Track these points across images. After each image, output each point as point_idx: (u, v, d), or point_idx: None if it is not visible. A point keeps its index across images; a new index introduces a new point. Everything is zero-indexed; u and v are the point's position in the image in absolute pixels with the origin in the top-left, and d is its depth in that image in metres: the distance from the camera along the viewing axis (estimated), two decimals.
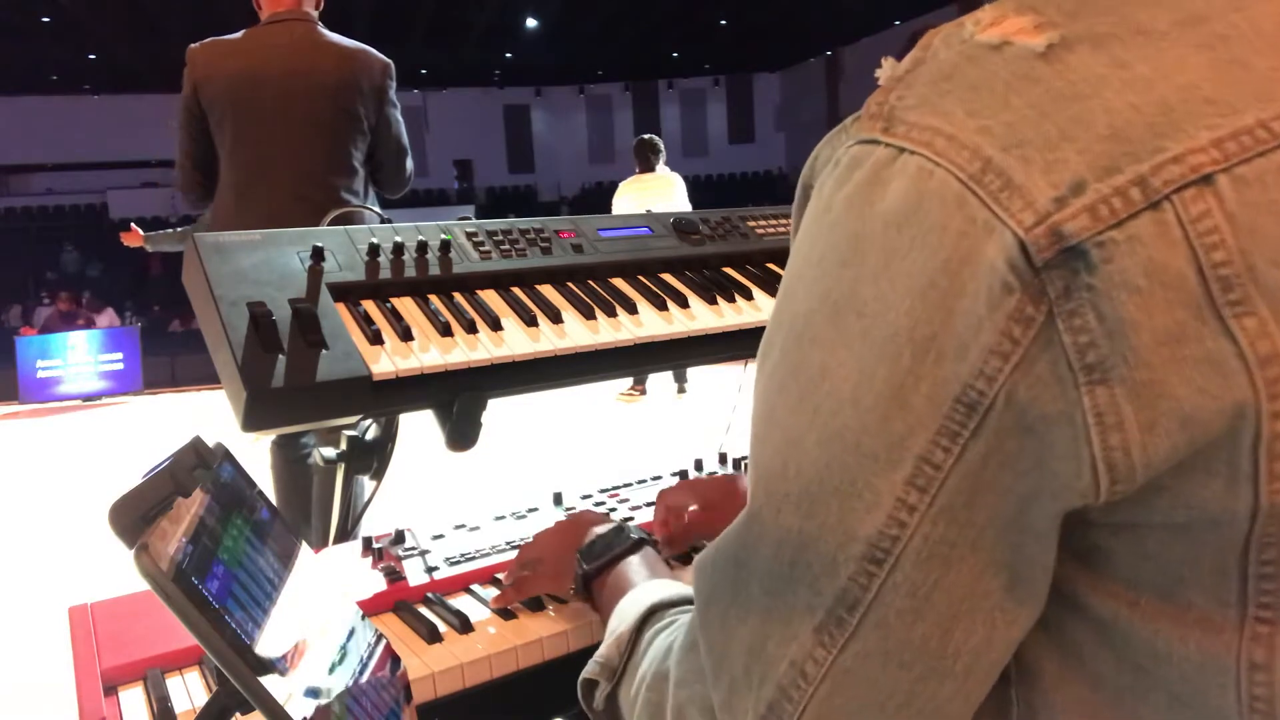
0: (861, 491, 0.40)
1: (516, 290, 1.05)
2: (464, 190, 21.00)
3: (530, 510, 1.18)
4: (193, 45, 2.44)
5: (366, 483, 1.34)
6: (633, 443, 5.27)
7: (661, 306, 1.08)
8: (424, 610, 0.92)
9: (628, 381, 6.67)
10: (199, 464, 0.63)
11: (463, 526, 1.13)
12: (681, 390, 6.65)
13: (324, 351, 0.85)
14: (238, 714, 0.58)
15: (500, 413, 1.19)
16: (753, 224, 1.28)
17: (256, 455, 2.65)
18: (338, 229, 1.01)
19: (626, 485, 1.27)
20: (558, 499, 1.20)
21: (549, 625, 0.88)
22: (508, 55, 18.51)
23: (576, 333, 1.00)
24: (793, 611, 0.43)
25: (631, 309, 1.06)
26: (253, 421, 0.82)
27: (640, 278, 1.13)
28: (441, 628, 0.87)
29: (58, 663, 1.14)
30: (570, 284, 1.09)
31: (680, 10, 15.43)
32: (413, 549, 1.05)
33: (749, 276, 1.19)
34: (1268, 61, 0.38)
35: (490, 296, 1.03)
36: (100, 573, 3.15)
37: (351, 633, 0.69)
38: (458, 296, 1.01)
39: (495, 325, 0.97)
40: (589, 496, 1.22)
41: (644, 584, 0.72)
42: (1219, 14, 0.39)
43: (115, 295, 14.55)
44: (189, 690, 0.80)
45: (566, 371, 1.00)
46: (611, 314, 1.05)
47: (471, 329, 0.96)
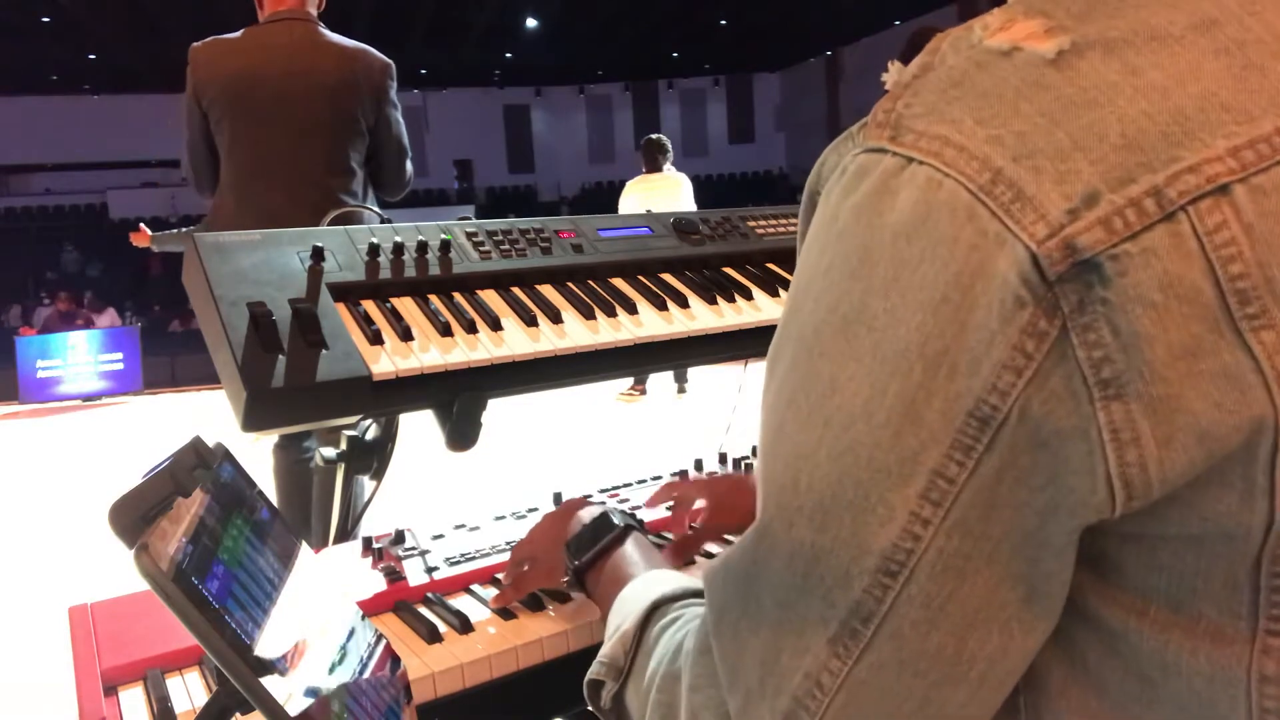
0: (875, 506, 0.40)
1: (516, 290, 1.05)
2: (464, 190, 21.00)
3: (530, 510, 1.18)
4: (195, 44, 2.44)
5: (366, 483, 1.34)
6: (633, 443, 5.27)
7: (661, 306, 1.08)
8: (424, 610, 0.92)
9: (628, 381, 6.67)
10: (199, 464, 0.63)
11: (463, 526, 1.13)
12: (681, 390, 6.64)
13: (324, 351, 0.85)
14: (238, 714, 0.58)
15: (500, 413, 1.19)
16: (753, 224, 1.28)
17: (256, 455, 2.65)
18: (338, 229, 1.01)
19: (626, 485, 1.27)
20: (558, 499, 1.20)
21: (549, 625, 0.88)
22: (508, 55, 18.51)
23: (576, 333, 1.00)
24: (806, 623, 0.43)
25: (631, 309, 1.06)
26: (253, 421, 0.82)
27: (640, 278, 1.13)
28: (441, 628, 0.87)
29: (58, 663, 1.14)
30: (570, 284, 1.09)
31: (680, 10, 15.43)
32: (413, 549, 1.05)
33: (749, 276, 1.19)
34: None
35: (490, 296, 1.03)
36: (100, 573, 3.15)
37: (351, 633, 0.69)
38: (458, 296, 1.01)
39: (495, 325, 0.97)
40: (589, 496, 1.22)
41: (642, 576, 0.71)
42: (1233, 17, 0.39)
43: (115, 295, 14.55)
44: (189, 690, 0.80)
45: (566, 371, 1.00)
46: (611, 314, 1.05)
47: (471, 329, 0.96)
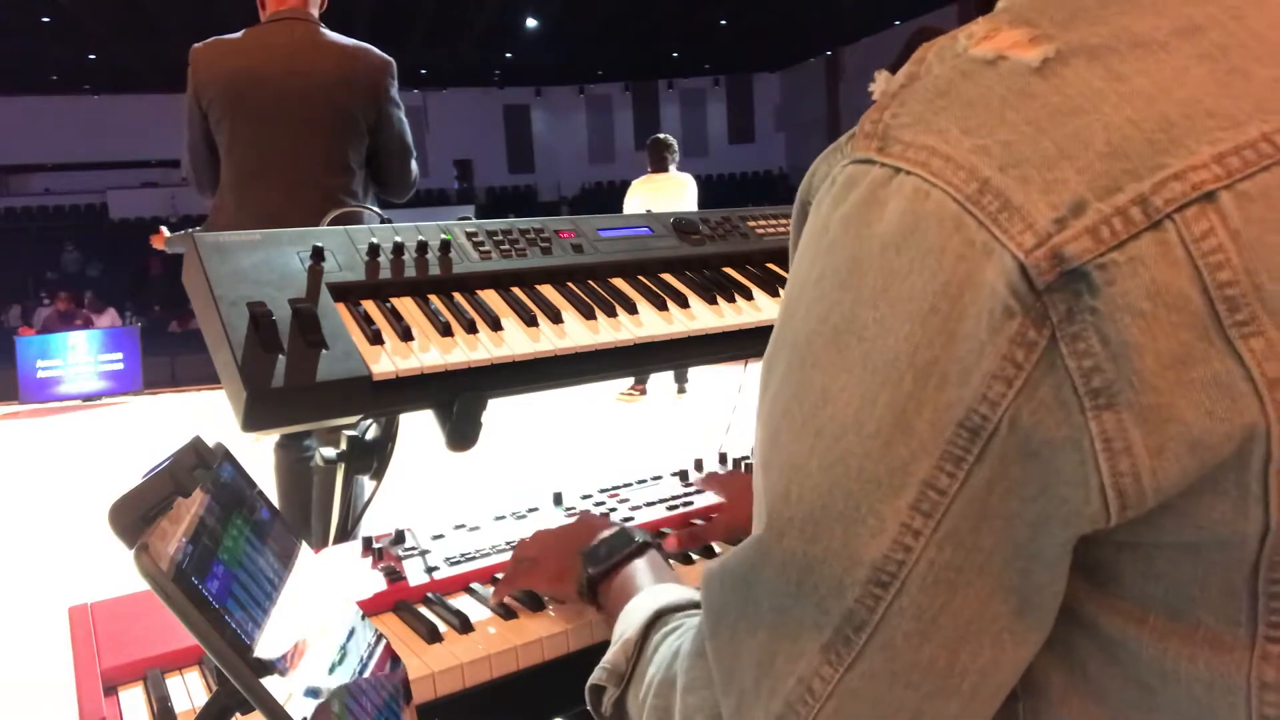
0: (865, 517, 0.40)
1: (516, 290, 1.05)
2: (464, 190, 21.00)
3: (530, 510, 1.18)
4: (196, 45, 2.44)
5: (366, 483, 1.34)
6: (633, 443, 5.27)
7: (661, 306, 1.08)
8: (424, 610, 0.92)
9: (628, 381, 6.67)
10: (199, 464, 0.63)
11: (463, 526, 1.13)
12: (681, 390, 6.64)
13: (324, 351, 0.85)
14: (238, 714, 0.58)
15: (500, 413, 1.19)
16: (753, 224, 1.28)
17: (257, 455, 2.65)
18: (338, 229, 1.01)
19: (626, 485, 1.27)
20: (558, 499, 1.20)
21: (549, 625, 0.88)
22: (508, 55, 18.50)
23: (576, 333, 1.00)
24: (801, 628, 0.43)
25: (631, 309, 1.06)
26: (253, 421, 0.82)
27: (640, 278, 1.13)
28: (441, 628, 0.87)
29: (58, 663, 1.14)
30: (570, 284, 1.09)
31: (680, 10, 15.43)
32: (413, 549, 1.05)
33: (749, 276, 1.19)
34: (1269, 71, 0.38)
35: (490, 296, 1.03)
36: (100, 573, 3.15)
37: (351, 633, 0.69)
38: (458, 296, 1.01)
39: (495, 325, 0.97)
40: (589, 496, 1.22)
41: (650, 588, 0.72)
42: (1217, 22, 0.39)
43: (115, 295, 14.55)
44: (189, 690, 0.80)
45: (566, 371, 1.00)
46: (611, 314, 1.05)
47: (471, 329, 0.96)
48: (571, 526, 0.91)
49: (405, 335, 0.92)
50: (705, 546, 1.02)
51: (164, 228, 3.78)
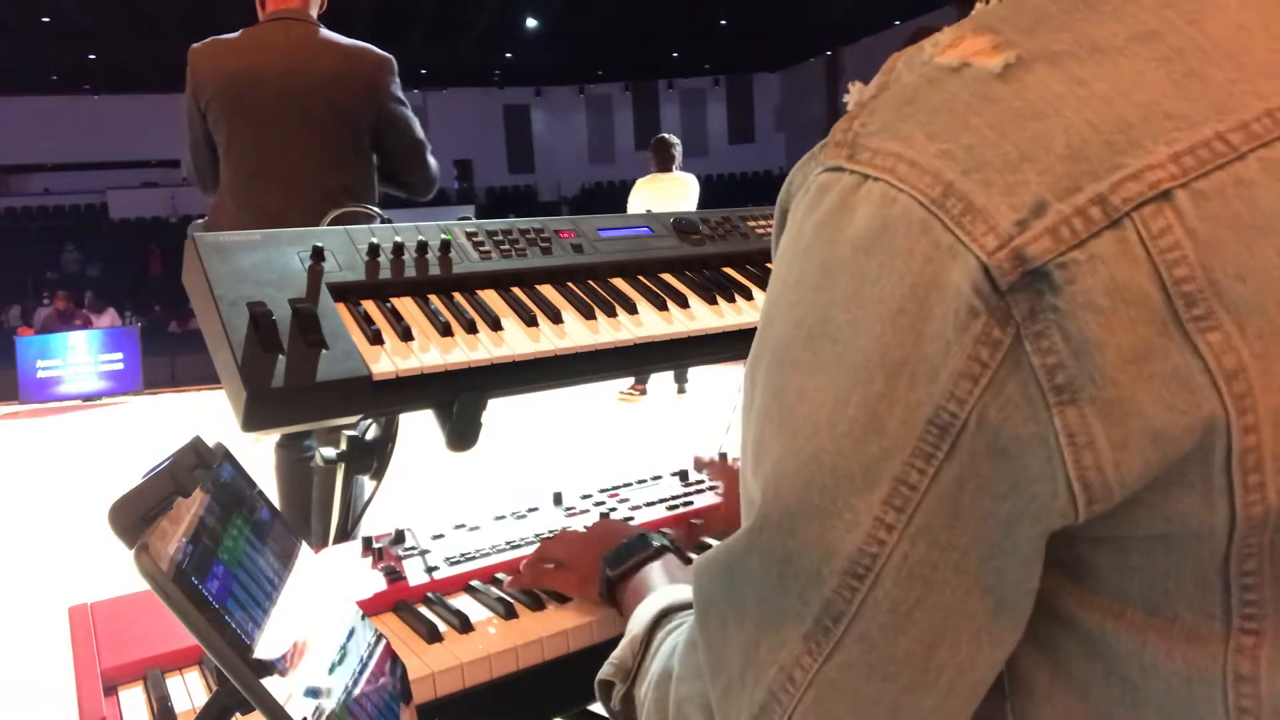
0: (841, 511, 0.41)
1: (516, 290, 1.05)
2: (464, 190, 21.00)
3: (530, 510, 1.18)
4: (194, 45, 2.43)
5: (366, 483, 1.34)
6: (633, 443, 5.27)
7: (661, 306, 1.08)
8: (424, 610, 0.92)
9: (628, 381, 6.67)
10: (199, 464, 0.63)
11: (463, 526, 1.13)
12: (681, 390, 6.64)
13: (324, 351, 0.85)
14: (238, 714, 0.58)
15: (500, 413, 1.19)
16: (753, 224, 1.28)
17: (256, 455, 2.65)
18: (338, 229, 1.01)
19: (626, 485, 1.27)
20: (558, 499, 1.20)
21: (549, 625, 0.88)
22: (508, 55, 18.51)
23: (576, 333, 1.00)
24: (784, 619, 0.44)
25: (631, 309, 1.06)
26: (253, 421, 0.82)
27: (640, 278, 1.13)
28: (441, 628, 0.87)
29: (58, 663, 1.14)
30: (570, 284, 1.09)
31: (680, 10, 15.43)
32: (413, 549, 1.05)
33: (749, 276, 1.19)
34: (1224, 73, 0.38)
35: (490, 296, 1.03)
36: (100, 573, 3.14)
37: (351, 633, 0.69)
38: (458, 296, 1.01)
39: (495, 325, 0.97)
40: (589, 496, 1.22)
41: (662, 589, 0.74)
42: (1173, 28, 0.40)
43: (115, 295, 14.55)
44: (189, 690, 0.80)
45: (566, 371, 1.00)
46: (611, 314, 1.04)
47: (471, 329, 0.96)
48: (599, 533, 0.92)
49: (405, 335, 0.92)
50: (704, 545, 1.02)
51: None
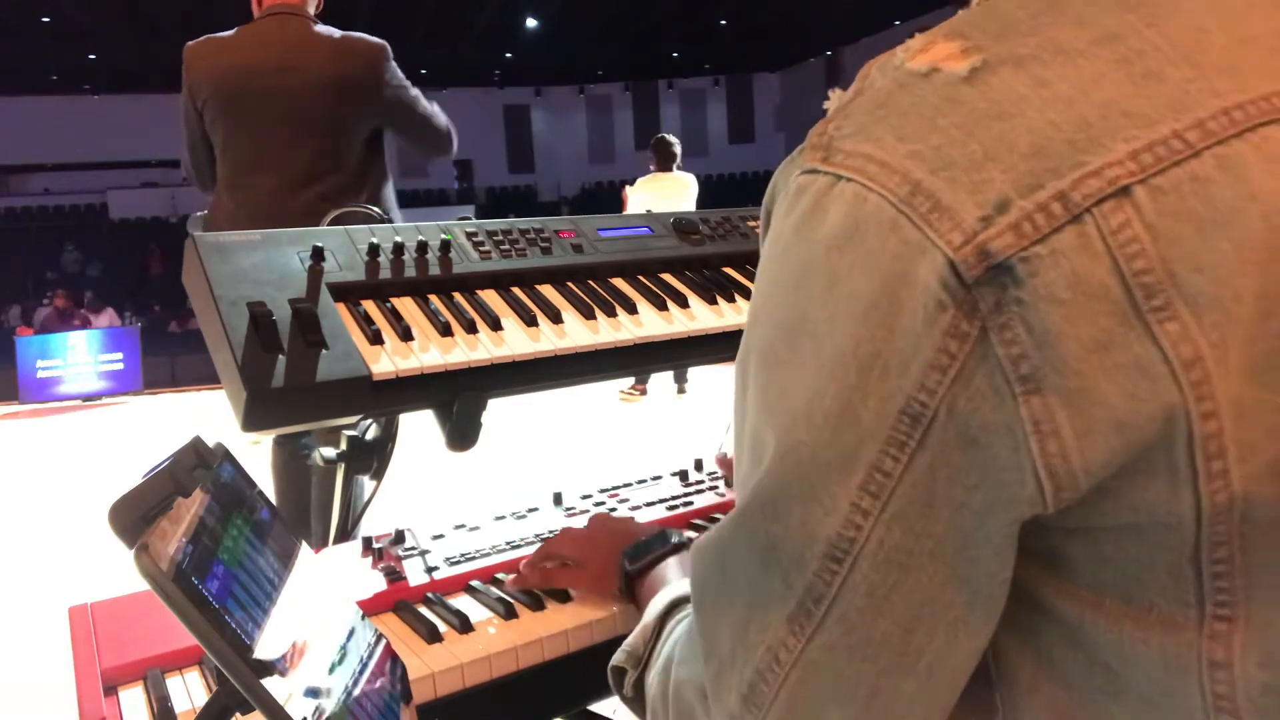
0: (820, 497, 0.42)
1: (516, 290, 1.05)
2: (464, 190, 21.00)
3: (530, 510, 1.18)
4: (189, 43, 2.42)
5: (366, 483, 1.34)
6: (633, 443, 5.27)
7: (661, 306, 1.08)
8: (424, 610, 0.92)
9: (628, 381, 6.67)
10: (199, 464, 0.63)
11: (463, 526, 1.13)
12: (681, 390, 6.64)
13: (324, 351, 0.85)
14: (238, 714, 0.58)
15: (500, 413, 1.19)
16: (753, 224, 1.28)
17: (256, 456, 2.65)
18: (338, 229, 1.01)
19: (626, 485, 1.27)
20: (558, 499, 1.20)
21: (549, 625, 0.88)
22: (508, 55, 18.52)
23: (576, 333, 1.00)
24: (770, 600, 0.45)
25: (631, 309, 1.06)
26: (253, 421, 0.82)
27: (640, 278, 1.13)
28: (441, 628, 0.87)
29: (58, 663, 1.14)
30: (570, 284, 1.09)
31: (680, 10, 15.44)
32: (413, 549, 1.05)
33: (749, 276, 1.19)
34: (1181, 73, 0.40)
35: (490, 296, 1.03)
36: (100, 573, 3.15)
37: (351, 633, 0.69)
38: (458, 296, 1.01)
39: (495, 325, 0.97)
40: (589, 496, 1.22)
41: (676, 581, 0.75)
42: (1133, 30, 0.41)
43: (115, 295, 14.56)
44: (189, 690, 0.80)
45: (566, 371, 1.00)
46: (611, 314, 1.05)
47: (471, 329, 0.96)
48: (605, 527, 0.93)
49: (405, 335, 0.92)
50: None
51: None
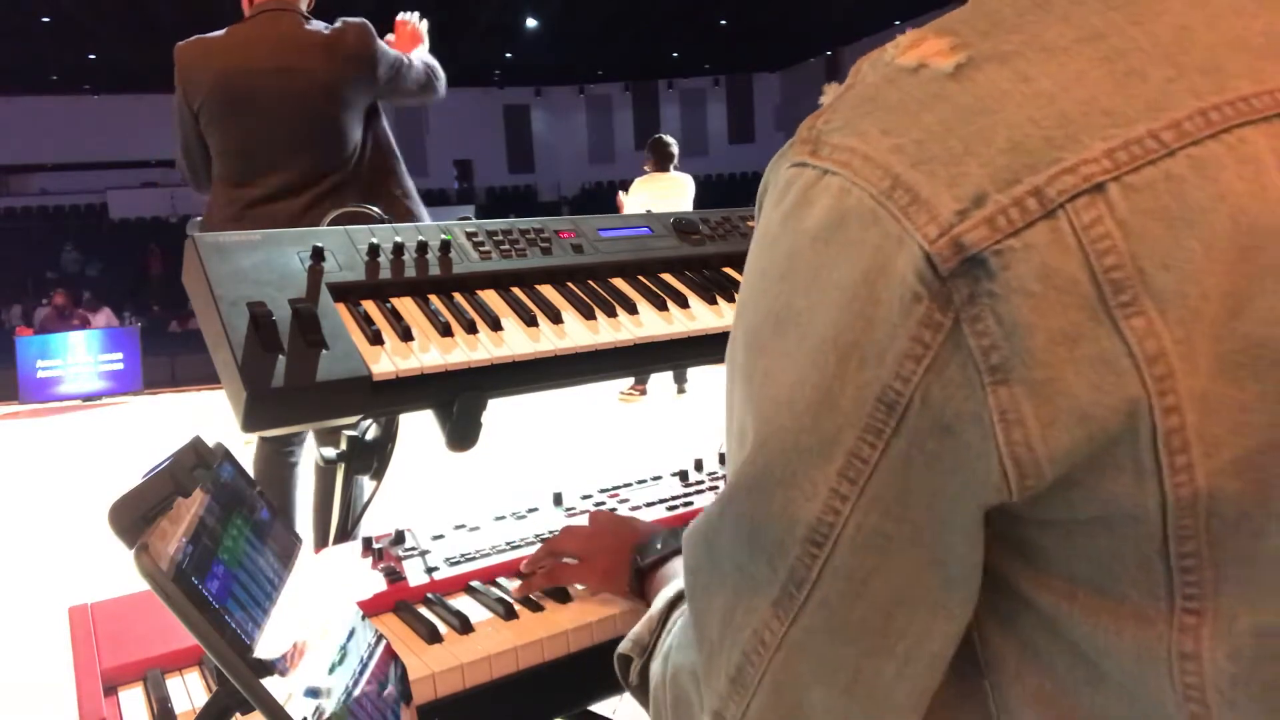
0: (801, 482, 0.44)
1: (516, 290, 1.05)
2: (464, 190, 21.01)
3: (530, 510, 1.18)
4: (179, 44, 2.40)
5: (366, 483, 1.34)
6: (633, 443, 5.27)
7: (661, 306, 1.08)
8: (424, 610, 0.92)
9: (628, 381, 6.67)
10: (199, 464, 0.63)
11: (463, 526, 1.13)
12: (681, 390, 6.65)
13: (324, 351, 0.85)
14: (238, 714, 0.58)
15: (500, 413, 1.19)
16: (752, 224, 1.27)
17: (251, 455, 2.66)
18: (338, 229, 1.01)
19: (626, 485, 1.27)
20: (558, 499, 1.20)
21: (549, 626, 0.88)
22: (508, 55, 18.52)
23: (576, 333, 1.00)
24: (756, 585, 0.46)
25: (631, 309, 1.06)
26: (253, 421, 0.82)
27: (640, 278, 1.13)
28: (441, 628, 0.87)
29: (58, 663, 1.14)
30: (570, 284, 1.09)
31: (680, 10, 15.44)
32: (413, 549, 1.05)
33: None
34: (1162, 72, 0.40)
35: (490, 296, 1.03)
36: (100, 573, 3.15)
37: (351, 633, 0.69)
38: (458, 296, 1.01)
39: (495, 325, 0.97)
40: (589, 496, 1.22)
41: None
42: (1117, 29, 0.42)
43: (115, 295, 14.55)
44: (189, 690, 0.80)
45: (566, 371, 1.00)
46: (611, 314, 1.05)
47: (471, 329, 0.96)
48: (608, 523, 0.94)
49: (405, 335, 0.92)
50: None
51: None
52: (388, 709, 0.67)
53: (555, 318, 1.01)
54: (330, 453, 1.28)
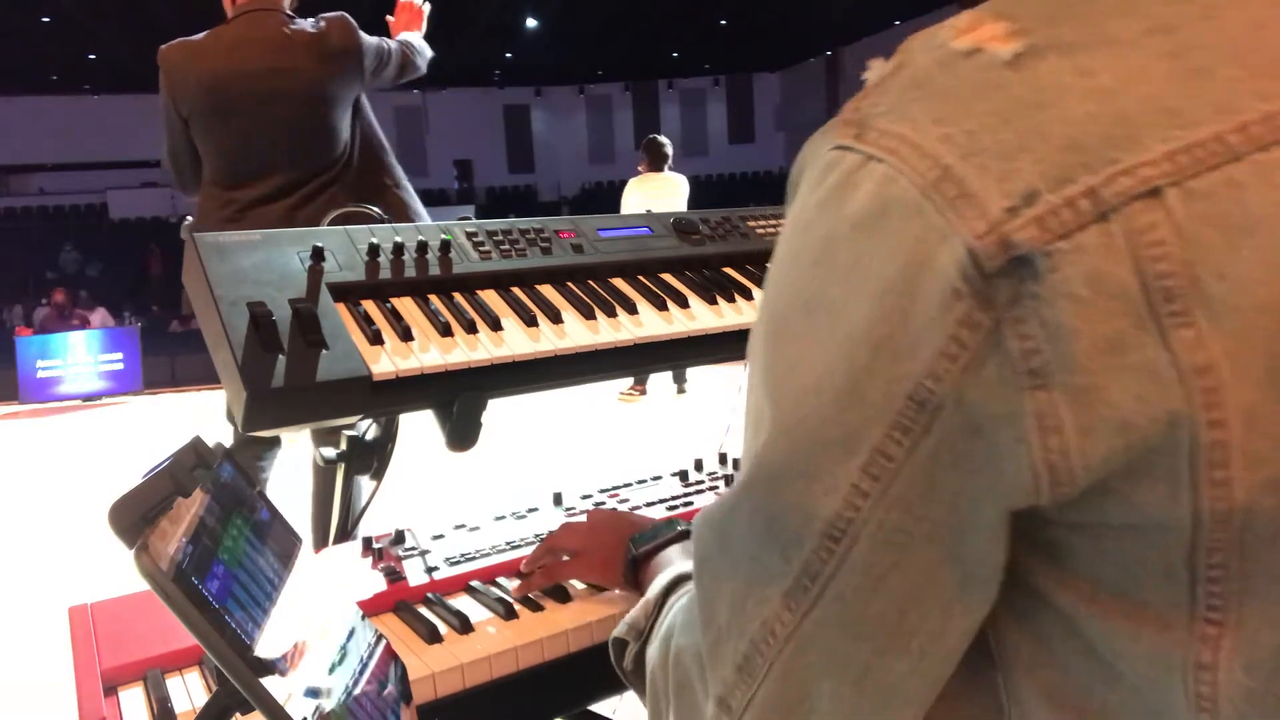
0: (821, 475, 0.42)
1: (516, 290, 1.05)
2: (464, 190, 21.00)
3: (530, 510, 1.18)
4: (163, 48, 2.39)
5: (366, 483, 1.33)
6: (633, 443, 5.27)
7: (661, 306, 1.08)
8: (424, 610, 0.92)
9: (628, 381, 6.67)
10: (199, 464, 0.63)
11: (463, 526, 1.13)
12: (681, 390, 6.64)
13: (324, 351, 0.85)
14: (238, 714, 0.58)
15: (500, 413, 1.19)
16: (753, 224, 1.28)
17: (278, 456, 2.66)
18: (337, 229, 1.01)
19: (626, 485, 1.27)
20: (558, 499, 1.20)
21: (549, 625, 0.88)
22: (508, 55, 18.51)
23: (576, 333, 1.00)
24: (769, 575, 0.46)
25: (631, 309, 1.06)
26: (253, 421, 0.82)
27: (640, 278, 1.13)
28: (441, 628, 0.87)
29: (58, 663, 1.14)
30: (570, 284, 1.09)
31: (680, 10, 15.43)
32: (413, 549, 1.05)
33: (749, 276, 1.19)
34: (1231, 71, 0.39)
35: (490, 296, 1.03)
36: (100, 573, 3.15)
37: (351, 633, 0.69)
38: (458, 296, 1.01)
39: (495, 325, 0.97)
40: (589, 496, 1.22)
41: (680, 561, 0.76)
42: (1188, 23, 0.40)
43: (115, 295, 14.55)
44: (189, 690, 0.80)
45: (566, 371, 1.00)
46: (611, 314, 1.05)
47: (471, 329, 0.96)
48: (606, 519, 0.95)
49: (405, 335, 0.92)
50: None
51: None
52: (387, 709, 0.67)
53: (555, 318, 1.01)
54: (330, 453, 1.28)
